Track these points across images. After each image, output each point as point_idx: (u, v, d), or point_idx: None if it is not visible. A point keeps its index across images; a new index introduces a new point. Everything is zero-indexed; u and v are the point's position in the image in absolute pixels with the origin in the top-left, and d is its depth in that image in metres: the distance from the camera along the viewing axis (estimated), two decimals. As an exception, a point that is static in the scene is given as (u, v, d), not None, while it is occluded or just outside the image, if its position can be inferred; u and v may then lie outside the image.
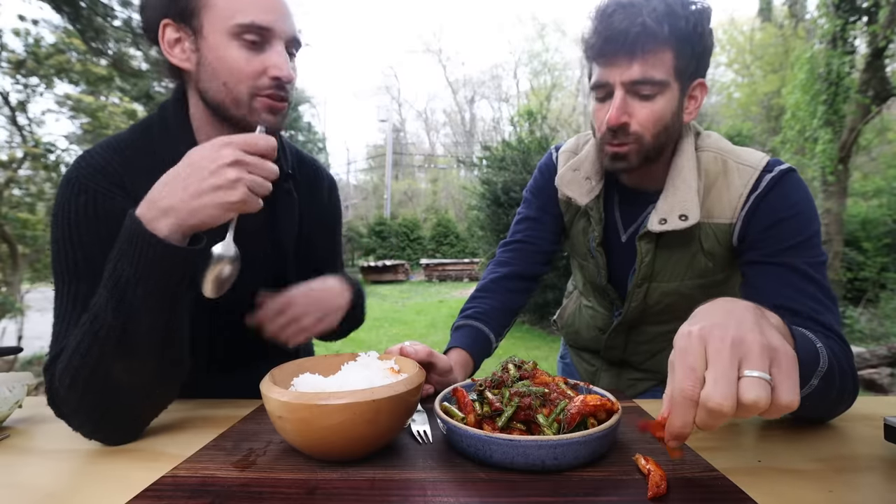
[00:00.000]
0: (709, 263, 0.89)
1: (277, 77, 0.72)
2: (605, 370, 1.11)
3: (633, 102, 0.79)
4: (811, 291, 0.75)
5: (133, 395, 0.62)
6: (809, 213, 0.80)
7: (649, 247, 0.89)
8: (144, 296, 0.58)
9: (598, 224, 0.95)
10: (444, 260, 14.75)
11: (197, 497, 0.47)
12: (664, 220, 0.84)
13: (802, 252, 0.78)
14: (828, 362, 0.57)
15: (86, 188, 0.70)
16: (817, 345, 0.57)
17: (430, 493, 0.47)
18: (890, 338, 4.81)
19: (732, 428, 0.66)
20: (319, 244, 1.00)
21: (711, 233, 0.86)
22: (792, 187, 0.81)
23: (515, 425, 0.55)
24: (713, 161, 0.86)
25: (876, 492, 0.49)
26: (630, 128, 0.80)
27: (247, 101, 0.73)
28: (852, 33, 5.90)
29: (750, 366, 0.41)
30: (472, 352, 0.90)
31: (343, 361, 0.67)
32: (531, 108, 8.98)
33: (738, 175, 0.84)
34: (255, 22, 0.70)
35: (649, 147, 0.82)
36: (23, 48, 5.68)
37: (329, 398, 0.50)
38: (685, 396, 0.43)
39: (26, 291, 5.88)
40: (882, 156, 8.35)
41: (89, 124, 6.63)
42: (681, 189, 0.84)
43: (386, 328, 6.49)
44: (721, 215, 0.84)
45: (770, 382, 0.41)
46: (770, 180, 0.81)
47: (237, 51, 0.71)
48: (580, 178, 0.96)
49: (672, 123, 0.82)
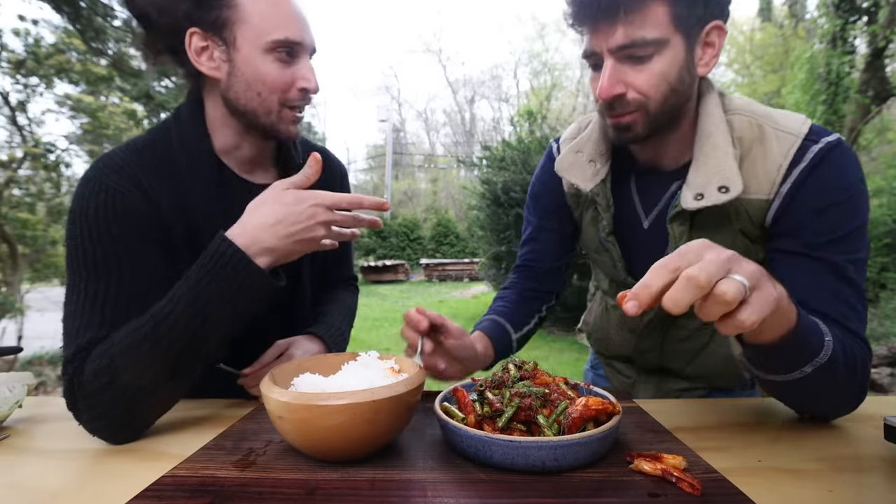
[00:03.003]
0: (747, 242, 0.76)
1: (305, 89, 0.78)
2: (642, 382, 0.97)
3: (626, 69, 0.70)
4: (845, 295, 0.67)
5: (149, 396, 0.65)
6: (861, 198, 0.69)
7: (683, 229, 0.76)
8: (223, 315, 0.64)
9: (607, 211, 0.84)
10: (444, 260, 14.74)
11: (197, 497, 0.47)
12: (700, 194, 0.71)
13: (846, 246, 0.67)
14: (829, 356, 0.56)
15: (105, 186, 0.71)
16: (826, 338, 0.57)
17: (430, 493, 0.47)
18: (890, 338, 4.81)
19: (732, 428, 0.66)
20: None
21: (744, 210, 0.74)
22: (844, 164, 0.69)
23: (516, 426, 0.55)
24: (747, 126, 0.73)
25: (876, 492, 0.49)
26: (627, 97, 0.71)
27: (277, 110, 0.78)
28: (852, 33, 5.90)
29: (738, 272, 0.44)
30: (491, 335, 0.86)
31: (343, 361, 0.67)
32: (531, 108, 8.98)
33: (776, 143, 0.71)
34: (290, 38, 0.75)
35: (657, 113, 0.72)
36: (23, 48, 5.69)
37: (329, 398, 0.50)
38: (661, 265, 0.45)
39: (26, 291, 5.88)
40: (882, 156, 8.34)
41: (89, 124, 6.63)
42: (714, 157, 0.72)
43: (386, 328, 6.50)
44: (757, 190, 0.72)
45: (746, 293, 0.43)
46: (817, 153, 0.69)
47: (271, 64, 0.76)
48: (583, 161, 0.85)
49: (681, 82, 0.71)
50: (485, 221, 6.74)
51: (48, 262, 6.29)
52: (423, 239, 17.89)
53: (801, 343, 0.55)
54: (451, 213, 20.92)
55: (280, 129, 0.80)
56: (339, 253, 1.04)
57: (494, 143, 8.11)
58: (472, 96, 28.95)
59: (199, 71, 0.77)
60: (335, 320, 0.94)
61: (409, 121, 31.98)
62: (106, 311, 0.66)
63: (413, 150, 30.77)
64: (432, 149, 30.73)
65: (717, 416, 0.70)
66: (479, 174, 7.32)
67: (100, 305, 0.67)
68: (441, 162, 28.73)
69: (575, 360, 4.64)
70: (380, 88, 31.57)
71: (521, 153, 6.62)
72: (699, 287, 0.42)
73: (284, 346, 0.83)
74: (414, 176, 29.53)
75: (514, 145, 7.06)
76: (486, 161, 7.30)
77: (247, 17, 0.74)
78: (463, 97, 29.12)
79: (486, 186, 6.63)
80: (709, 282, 0.42)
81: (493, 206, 6.44)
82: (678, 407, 0.75)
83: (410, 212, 22.32)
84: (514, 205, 6.07)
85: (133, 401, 0.63)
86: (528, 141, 7.02)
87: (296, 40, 0.76)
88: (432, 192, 26.99)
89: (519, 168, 6.30)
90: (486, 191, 6.60)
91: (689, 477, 0.47)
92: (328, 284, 1.04)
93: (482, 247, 6.98)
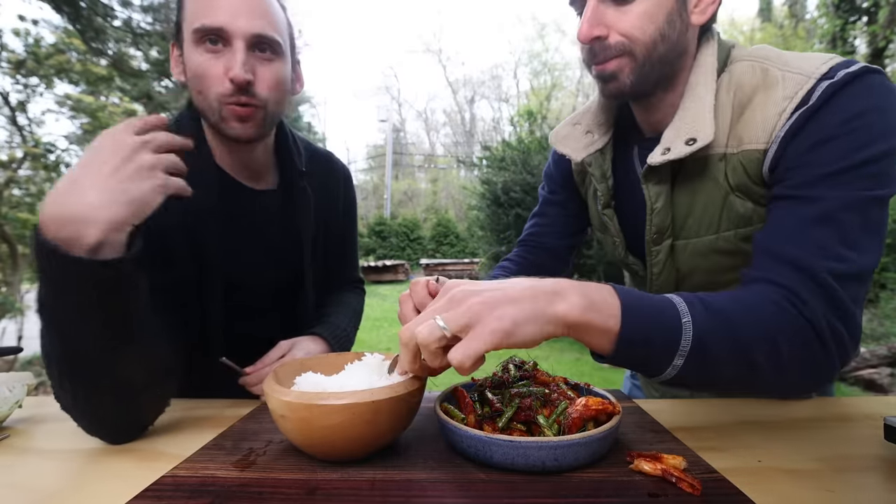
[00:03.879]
0: (747, 204, 0.66)
1: (231, 79, 0.70)
2: (670, 394, 0.89)
3: (608, 10, 0.64)
4: (819, 237, 0.55)
5: (119, 396, 0.59)
6: (878, 126, 0.55)
7: (658, 189, 0.70)
8: (71, 313, 0.52)
9: (601, 182, 0.79)
10: (444, 260, 14.74)
11: (197, 497, 0.47)
12: (667, 149, 0.65)
13: (847, 181, 0.55)
14: (692, 341, 0.49)
15: None
16: (683, 319, 0.49)
17: (430, 493, 0.47)
18: (890, 338, 4.80)
19: (732, 428, 0.66)
20: (335, 238, 1.01)
21: (739, 165, 0.64)
22: (861, 93, 0.56)
23: (516, 426, 0.55)
24: (749, 71, 0.64)
25: (876, 492, 0.49)
26: (609, 40, 0.65)
27: (217, 108, 0.72)
28: (852, 33, 5.90)
29: (442, 316, 0.46)
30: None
31: (347, 361, 0.67)
32: (531, 108, 8.99)
33: (782, 86, 0.61)
34: (206, 24, 0.69)
35: (645, 60, 0.65)
36: (23, 48, 5.69)
37: (328, 398, 0.50)
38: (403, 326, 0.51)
39: (26, 291, 5.88)
40: (882, 156, 8.33)
41: (89, 124, 6.64)
42: (692, 109, 0.65)
43: (386, 328, 6.49)
44: (752, 140, 0.63)
45: (445, 333, 0.45)
46: (828, 88, 0.57)
47: (200, 56, 0.71)
48: (579, 132, 0.81)
49: (671, 27, 0.64)
50: (485, 221, 6.75)
51: (48, 263, 6.28)
52: (423, 239, 17.89)
53: (639, 342, 0.49)
54: (451, 213, 20.93)
55: (223, 128, 0.73)
56: (341, 254, 1.04)
57: (494, 143, 8.12)
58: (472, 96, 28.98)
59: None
60: (339, 321, 0.94)
61: (409, 121, 32.01)
62: None
63: (413, 150, 30.77)
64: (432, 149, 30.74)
65: (717, 416, 0.70)
66: (479, 174, 7.33)
67: None
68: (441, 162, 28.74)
69: (575, 360, 4.64)
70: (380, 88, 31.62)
71: (521, 153, 6.63)
72: (404, 346, 0.49)
73: (287, 347, 0.82)
74: (414, 176, 29.54)
75: (514, 145, 7.07)
76: (486, 161, 7.31)
77: (185, 14, 0.71)
78: (463, 97, 29.16)
79: (486, 186, 6.64)
80: (409, 336, 0.48)
81: (493, 206, 6.45)
82: (678, 407, 0.75)
83: (410, 212, 22.33)
84: (514, 205, 6.08)
85: (94, 403, 0.58)
86: (528, 141, 7.03)
87: (214, 26, 0.68)
88: (432, 192, 27.00)
89: (519, 168, 6.31)
90: (486, 191, 6.60)
91: (689, 477, 0.47)
92: (332, 286, 1.04)
93: (482, 247, 6.98)
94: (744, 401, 0.79)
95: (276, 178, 0.90)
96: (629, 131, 0.80)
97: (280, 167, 0.90)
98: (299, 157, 0.90)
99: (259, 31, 0.71)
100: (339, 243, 1.03)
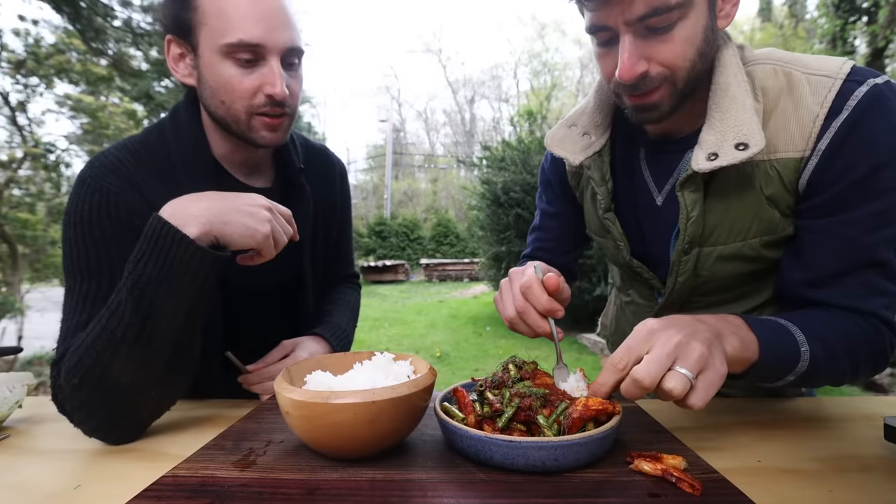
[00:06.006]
0: (775, 213, 0.65)
1: (271, 95, 0.72)
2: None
3: (648, 43, 0.60)
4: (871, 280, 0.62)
5: (139, 394, 0.63)
6: None
7: (695, 197, 0.66)
8: (167, 295, 0.59)
9: (601, 185, 0.76)
10: (444, 260, 14.75)
11: (197, 497, 0.47)
12: (714, 154, 0.61)
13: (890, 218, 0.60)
14: (808, 364, 0.60)
15: (99, 187, 0.70)
16: (802, 349, 0.59)
17: (430, 493, 0.47)
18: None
19: (732, 428, 0.66)
20: (332, 232, 1.01)
21: (775, 173, 0.63)
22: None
23: (516, 426, 0.55)
24: (771, 74, 0.63)
25: (876, 492, 0.49)
26: (650, 73, 0.61)
27: (245, 119, 0.74)
28: (852, 33, 5.90)
29: (682, 364, 0.50)
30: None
31: (358, 360, 0.67)
32: (531, 108, 8.99)
33: (808, 89, 0.61)
34: (244, 40, 0.69)
35: (685, 84, 0.63)
36: (23, 48, 5.70)
37: (330, 397, 0.50)
38: (612, 364, 0.53)
39: (26, 291, 5.89)
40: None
41: (89, 124, 6.64)
42: (731, 111, 0.62)
43: (386, 328, 6.49)
44: (789, 147, 0.62)
45: (692, 382, 0.50)
46: (862, 99, 0.58)
47: (230, 69, 0.71)
48: (576, 134, 0.78)
49: (707, 43, 0.62)
50: (485, 221, 6.75)
51: (48, 262, 6.30)
52: (423, 239, 17.90)
53: (769, 368, 0.59)
54: (451, 213, 20.94)
55: (252, 137, 0.75)
56: (339, 250, 1.04)
57: (494, 143, 8.12)
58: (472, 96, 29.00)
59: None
60: (340, 321, 0.94)
61: (409, 121, 32.03)
62: (95, 311, 0.64)
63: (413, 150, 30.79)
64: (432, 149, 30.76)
65: (717, 416, 0.70)
66: (479, 174, 7.33)
67: (90, 307, 0.66)
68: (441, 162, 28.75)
69: (575, 361, 4.64)
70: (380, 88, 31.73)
71: (521, 153, 6.63)
72: (644, 388, 0.50)
73: (290, 347, 0.82)
74: (414, 176, 29.55)
75: (514, 145, 7.07)
76: (486, 161, 7.31)
77: (206, 20, 0.70)
78: (463, 97, 29.18)
79: (486, 186, 6.63)
80: (652, 383, 0.50)
81: (493, 206, 6.44)
82: (678, 407, 0.75)
83: (410, 212, 22.34)
84: (514, 205, 6.08)
85: (112, 400, 0.61)
86: (528, 141, 7.03)
87: (253, 42, 0.69)
88: (432, 192, 27.01)
89: (519, 168, 6.30)
90: (486, 191, 6.60)
91: (689, 477, 0.47)
92: (329, 282, 1.04)
93: (482, 247, 6.98)
94: (744, 401, 0.79)
95: (273, 175, 0.90)
96: (632, 132, 0.78)
97: (277, 165, 0.90)
98: (297, 155, 0.90)
99: (291, 45, 0.73)
100: (336, 239, 1.03)
